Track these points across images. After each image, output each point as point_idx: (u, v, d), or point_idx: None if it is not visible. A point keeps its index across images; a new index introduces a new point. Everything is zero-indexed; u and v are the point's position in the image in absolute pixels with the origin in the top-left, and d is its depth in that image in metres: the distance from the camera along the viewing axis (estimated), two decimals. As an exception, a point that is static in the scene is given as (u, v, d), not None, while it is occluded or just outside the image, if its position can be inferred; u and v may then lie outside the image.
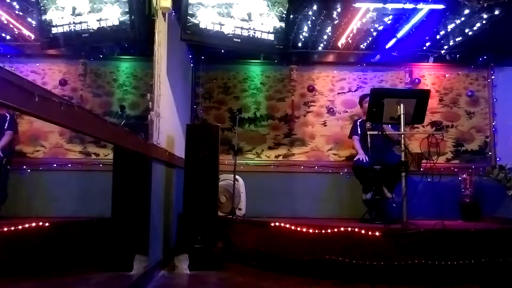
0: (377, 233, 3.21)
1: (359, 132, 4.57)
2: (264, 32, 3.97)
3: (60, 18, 3.65)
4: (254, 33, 3.93)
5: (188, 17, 3.65)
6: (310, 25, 4.63)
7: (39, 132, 4.68)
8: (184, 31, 3.68)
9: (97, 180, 4.30)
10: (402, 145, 3.59)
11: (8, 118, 4.29)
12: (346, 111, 5.27)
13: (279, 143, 5.24)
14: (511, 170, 4.69)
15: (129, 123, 4.44)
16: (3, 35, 4.44)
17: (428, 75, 5.36)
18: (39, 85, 1.52)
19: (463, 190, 4.79)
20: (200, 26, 3.70)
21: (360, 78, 5.34)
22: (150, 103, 3.25)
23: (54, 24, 3.68)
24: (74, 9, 3.60)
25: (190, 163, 3.62)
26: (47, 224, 3.24)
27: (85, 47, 4.54)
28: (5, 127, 4.26)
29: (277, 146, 5.24)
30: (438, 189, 3.85)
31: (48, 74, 4.82)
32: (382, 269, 3.11)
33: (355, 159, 4.42)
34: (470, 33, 4.53)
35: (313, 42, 5.00)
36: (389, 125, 4.30)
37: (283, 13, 4.01)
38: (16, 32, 4.39)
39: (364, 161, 4.28)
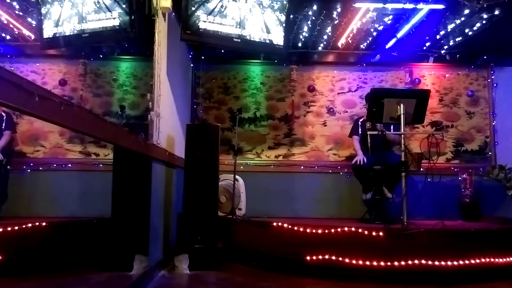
0: (377, 233, 3.21)
1: (360, 132, 4.57)
2: (264, 32, 3.97)
3: (60, 18, 3.65)
4: (254, 33, 3.93)
5: (188, 17, 3.65)
6: (310, 25, 4.63)
7: (39, 132, 4.68)
8: (184, 31, 3.68)
9: (97, 180, 4.30)
10: (402, 145, 3.59)
11: (5, 118, 4.25)
12: (346, 111, 5.27)
13: (279, 143, 5.24)
14: (511, 170, 4.69)
15: (129, 123, 4.44)
16: (3, 35, 4.44)
17: (428, 75, 5.36)
18: (39, 85, 1.52)
19: (463, 190, 4.79)
20: (200, 26, 3.71)
21: (360, 78, 5.34)
22: (150, 103, 3.25)
23: (54, 24, 3.68)
24: (74, 9, 3.61)
25: (190, 163, 3.62)
26: (47, 224, 3.24)
27: (85, 47, 4.54)
28: (3, 127, 4.22)
29: (277, 146, 5.24)
30: (438, 189, 3.85)
31: (48, 74, 4.81)
32: (382, 269, 3.11)
33: (354, 160, 4.41)
34: (470, 33, 4.53)
35: (313, 42, 5.00)
36: (391, 128, 4.29)
37: (283, 13, 4.01)
38: (16, 32, 4.39)
39: (362, 163, 4.28)
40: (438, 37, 4.76)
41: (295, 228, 3.41)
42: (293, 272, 3.27)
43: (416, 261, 3.10)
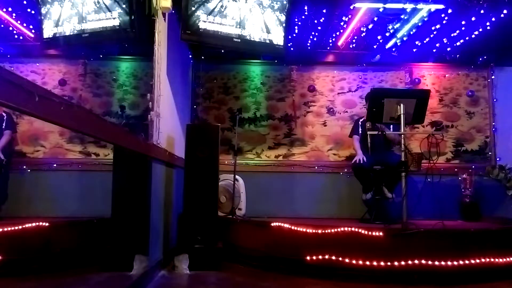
0: (377, 233, 3.21)
1: (360, 131, 4.57)
2: (264, 32, 3.97)
3: (60, 18, 3.65)
4: (254, 33, 3.93)
5: (188, 17, 3.65)
6: (310, 25, 4.62)
7: (39, 132, 4.69)
8: (184, 31, 3.67)
9: (97, 180, 4.31)
10: (402, 145, 3.59)
11: (5, 118, 4.26)
12: (346, 111, 5.27)
13: (279, 143, 5.24)
14: (511, 170, 4.69)
15: (129, 123, 4.45)
16: (3, 35, 4.43)
17: (428, 75, 5.36)
18: (39, 85, 1.52)
19: (463, 190, 4.79)
20: (200, 26, 3.70)
21: (360, 78, 5.34)
22: (150, 103, 3.25)
23: (54, 24, 3.68)
24: (74, 9, 3.61)
25: (190, 163, 3.62)
26: (47, 224, 3.24)
27: (85, 47, 4.54)
28: (3, 127, 4.23)
29: (277, 146, 5.24)
30: (438, 189, 3.86)
31: (48, 74, 4.82)
32: (382, 269, 3.11)
33: (354, 160, 4.41)
34: (470, 33, 4.53)
35: (313, 42, 5.00)
36: (391, 127, 4.30)
37: (283, 13, 4.01)
38: (16, 32, 4.39)
39: (362, 162, 4.28)
40: (438, 37, 4.75)
41: (295, 228, 3.41)
42: (293, 272, 3.27)
43: (416, 261, 3.10)
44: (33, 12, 4.04)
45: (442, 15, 4.24)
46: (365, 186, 4.41)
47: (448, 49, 4.96)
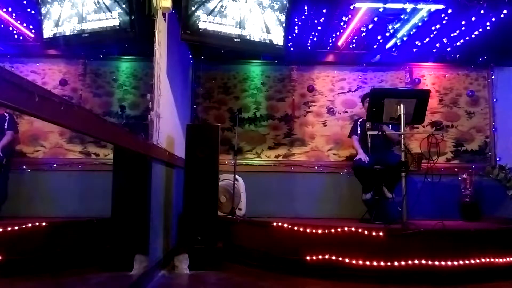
0: (377, 233, 3.21)
1: (359, 132, 4.58)
2: (264, 32, 3.97)
3: (60, 18, 3.65)
4: (254, 33, 3.93)
5: (188, 17, 3.65)
6: (310, 25, 4.62)
7: (39, 132, 4.69)
8: (184, 31, 3.67)
9: (97, 180, 4.30)
10: (402, 145, 3.59)
11: (7, 118, 4.28)
12: (346, 111, 5.27)
13: (279, 143, 5.24)
14: (511, 170, 4.69)
15: (129, 123, 4.45)
16: (3, 35, 4.43)
17: (428, 75, 5.36)
18: (39, 85, 1.52)
19: (463, 190, 4.79)
20: (200, 26, 3.70)
21: (360, 78, 5.34)
22: (150, 103, 3.25)
23: (54, 24, 3.68)
24: (74, 9, 3.61)
25: (190, 163, 3.62)
26: (47, 224, 3.24)
27: (85, 47, 4.54)
28: (5, 127, 4.25)
29: (277, 146, 5.24)
30: (438, 189, 3.86)
31: (48, 74, 4.82)
32: (382, 269, 3.11)
33: (355, 159, 4.42)
34: (470, 33, 4.53)
35: (313, 42, 5.00)
36: (389, 126, 4.30)
37: (283, 13, 4.01)
38: (16, 32, 4.39)
39: (364, 160, 4.28)
40: (438, 37, 4.75)
41: (295, 228, 3.41)
42: (293, 272, 3.27)
43: (416, 261, 3.10)
44: (33, 12, 4.04)
45: (442, 15, 4.24)
46: (365, 186, 4.41)
47: (448, 49, 4.97)
